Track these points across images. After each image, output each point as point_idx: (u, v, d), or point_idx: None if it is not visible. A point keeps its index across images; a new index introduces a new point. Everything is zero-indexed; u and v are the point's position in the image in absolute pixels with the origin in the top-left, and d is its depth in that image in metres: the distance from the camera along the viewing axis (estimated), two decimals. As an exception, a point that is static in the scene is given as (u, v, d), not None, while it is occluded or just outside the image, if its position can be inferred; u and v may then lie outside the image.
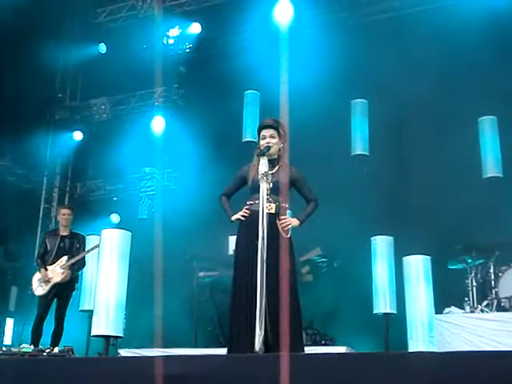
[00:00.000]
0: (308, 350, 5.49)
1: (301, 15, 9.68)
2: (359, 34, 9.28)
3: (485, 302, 7.30)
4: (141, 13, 10.46)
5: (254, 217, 4.57)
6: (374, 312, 7.09)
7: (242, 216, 4.79)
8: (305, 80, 8.53)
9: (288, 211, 4.87)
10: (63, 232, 7.79)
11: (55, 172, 11.77)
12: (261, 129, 4.94)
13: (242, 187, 5.00)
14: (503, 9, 8.34)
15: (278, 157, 4.89)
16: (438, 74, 8.61)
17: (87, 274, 7.82)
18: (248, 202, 4.80)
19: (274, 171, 4.75)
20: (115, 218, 10.89)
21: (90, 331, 6.46)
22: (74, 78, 12.05)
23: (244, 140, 9.11)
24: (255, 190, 4.67)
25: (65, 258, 7.55)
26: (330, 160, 8.70)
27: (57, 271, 7.51)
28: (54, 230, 8.36)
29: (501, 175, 8.22)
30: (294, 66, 8.11)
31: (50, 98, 11.70)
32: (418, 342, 6.50)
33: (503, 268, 7.40)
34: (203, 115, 10.06)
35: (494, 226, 7.54)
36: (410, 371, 2.93)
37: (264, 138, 4.86)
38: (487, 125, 8.39)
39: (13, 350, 6.19)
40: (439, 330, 6.89)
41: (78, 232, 7.92)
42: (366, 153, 8.92)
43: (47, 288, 7.45)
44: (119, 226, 9.12)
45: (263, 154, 4.72)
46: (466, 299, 7.39)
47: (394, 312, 7.03)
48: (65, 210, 7.93)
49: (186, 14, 10.74)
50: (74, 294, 7.71)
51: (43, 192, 11.56)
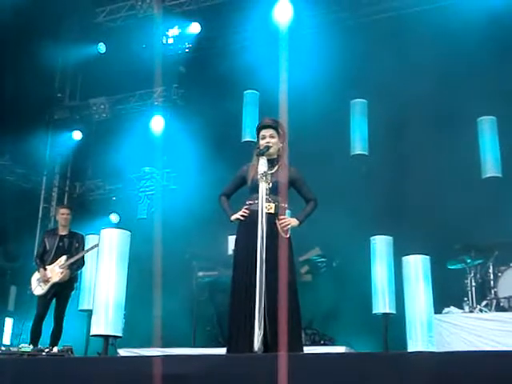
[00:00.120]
0: (307, 349, 5.49)
1: (300, 15, 9.68)
2: (359, 34, 9.28)
3: (484, 302, 7.30)
4: (140, 13, 10.45)
5: (253, 217, 4.58)
6: (374, 312, 7.10)
7: (242, 216, 4.79)
8: (304, 80, 8.53)
9: (287, 211, 4.87)
10: (62, 231, 7.78)
11: (54, 171, 11.76)
12: (260, 129, 4.93)
13: (242, 187, 5.00)
14: (502, 9, 8.34)
15: (278, 157, 4.89)
16: (438, 74, 8.61)
17: (86, 273, 7.82)
18: (247, 202, 4.80)
19: (273, 171, 4.75)
20: (114, 218, 10.89)
21: (89, 331, 6.46)
22: (74, 78, 12.04)
23: (243, 140, 9.11)
24: (254, 189, 4.67)
25: (64, 257, 7.55)
26: (329, 160, 8.70)
27: (56, 271, 7.50)
28: (53, 230, 8.36)
29: (500, 175, 8.23)
30: (293, 66, 8.11)
31: (49, 98, 11.69)
32: (417, 342, 6.51)
33: (502, 268, 7.40)
34: (203, 115, 10.05)
35: (494, 226, 7.55)
36: (409, 371, 2.94)
37: (263, 137, 4.86)
38: (486, 125, 8.39)
39: (12, 349, 6.19)
40: (438, 330, 6.89)
41: (77, 231, 7.92)
42: (365, 153, 8.93)
43: (46, 288, 7.45)
44: (118, 226, 9.12)
45: (262, 154, 4.72)
46: (465, 299, 7.39)
47: (393, 312, 7.04)
48: (63, 210, 7.93)
49: (186, 14, 10.74)
50: (73, 293, 7.71)
51: (42, 191, 11.56)
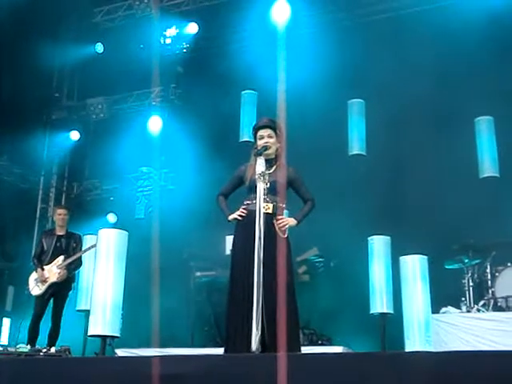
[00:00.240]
0: (305, 349, 5.49)
1: (298, 15, 9.69)
2: (356, 34, 9.29)
3: (481, 302, 7.31)
4: (138, 13, 10.45)
5: (251, 217, 4.57)
6: (371, 312, 7.11)
7: (239, 216, 4.79)
8: (302, 80, 8.53)
9: (285, 211, 4.87)
10: (60, 232, 7.78)
11: (52, 172, 11.74)
12: (258, 129, 4.93)
13: (240, 187, 4.99)
14: (501, 9, 8.35)
15: (276, 157, 4.88)
16: (435, 75, 8.62)
17: (84, 273, 7.81)
18: (245, 202, 4.80)
19: (271, 171, 4.75)
20: (112, 218, 10.88)
21: (86, 331, 6.46)
22: (71, 78, 12.03)
23: (241, 140, 9.12)
24: (252, 189, 4.67)
25: (61, 257, 7.55)
26: (327, 160, 8.70)
27: (53, 271, 7.50)
28: (50, 230, 8.35)
29: (497, 175, 8.24)
30: (291, 66, 8.10)
31: (46, 98, 11.68)
32: (414, 342, 6.52)
33: (500, 268, 7.42)
34: (200, 115, 10.06)
35: (491, 226, 7.56)
36: (407, 371, 2.94)
37: (261, 137, 4.86)
38: (484, 125, 8.41)
39: (9, 349, 6.20)
40: (436, 330, 6.90)
41: (74, 232, 7.91)
42: (363, 153, 8.94)
43: (44, 288, 7.44)
44: (116, 226, 9.12)
45: (260, 154, 4.72)
46: (463, 299, 7.41)
47: (391, 312, 7.05)
48: (61, 210, 7.92)
49: (183, 14, 10.74)
50: (70, 293, 7.71)
51: (40, 192, 11.54)
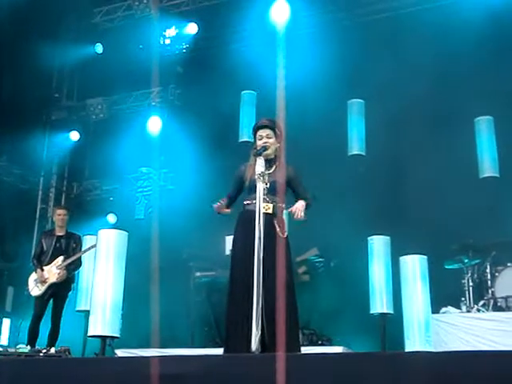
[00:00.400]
0: (304, 349, 5.49)
1: (297, 15, 9.69)
2: (356, 34, 9.29)
3: (481, 302, 7.31)
4: (137, 13, 10.45)
5: (250, 217, 4.57)
6: (371, 312, 7.11)
7: (217, 209, 4.79)
8: (301, 80, 8.54)
9: (284, 211, 4.87)
10: (59, 232, 7.77)
11: (52, 172, 11.74)
12: (257, 129, 4.92)
13: (243, 187, 4.96)
14: (500, 9, 8.35)
15: (275, 157, 4.88)
16: (435, 74, 8.62)
17: (84, 274, 7.81)
18: (245, 202, 4.79)
19: (270, 171, 4.74)
20: (112, 218, 10.88)
21: (86, 331, 6.46)
22: (71, 78, 12.04)
23: (241, 140, 9.12)
24: (252, 190, 4.67)
25: (61, 258, 7.54)
26: (326, 160, 8.70)
27: (53, 271, 7.49)
28: (50, 231, 8.35)
29: (497, 175, 8.24)
30: (290, 66, 8.10)
31: (46, 98, 11.68)
32: (414, 342, 6.52)
33: (500, 268, 7.42)
34: (200, 115, 10.06)
35: (491, 226, 7.56)
36: (407, 371, 2.94)
37: (261, 138, 4.85)
38: (484, 125, 8.40)
39: (9, 350, 6.19)
40: (436, 330, 6.90)
41: (74, 232, 7.91)
42: (362, 153, 8.94)
43: (43, 288, 7.44)
44: (116, 226, 9.12)
45: (260, 154, 4.71)
46: (463, 299, 7.41)
47: (391, 312, 7.05)
48: (60, 211, 7.92)
49: (183, 15, 10.74)
50: (70, 294, 7.70)
51: (40, 192, 11.54)
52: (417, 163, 8.63)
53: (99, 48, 11.33)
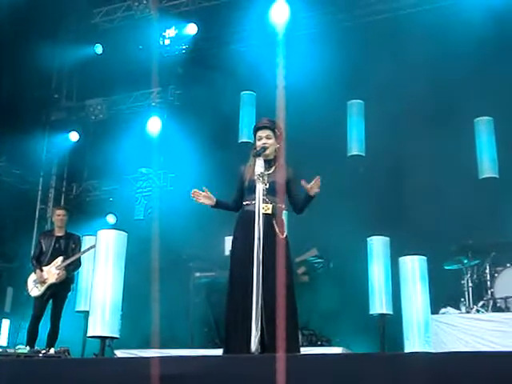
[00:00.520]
0: (304, 350, 5.49)
1: (297, 16, 9.69)
2: (355, 35, 9.29)
3: (480, 303, 7.31)
4: (137, 13, 10.46)
5: (250, 217, 4.57)
6: (370, 312, 7.10)
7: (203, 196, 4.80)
8: (301, 81, 8.53)
9: (284, 212, 4.87)
10: (58, 233, 7.77)
11: (51, 173, 11.74)
12: (257, 129, 4.92)
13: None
14: (499, 10, 8.35)
15: (275, 157, 4.87)
16: (434, 75, 8.63)
17: (83, 274, 7.80)
18: (244, 203, 4.79)
19: (270, 172, 4.75)
20: (111, 219, 10.88)
21: (85, 332, 6.45)
22: (70, 79, 12.03)
23: (240, 141, 9.13)
24: (251, 190, 4.67)
25: (60, 258, 7.54)
26: (326, 160, 8.69)
27: (52, 272, 7.49)
28: (49, 231, 8.35)
29: (497, 176, 8.24)
30: (290, 67, 8.10)
31: (45, 99, 11.67)
32: (414, 343, 6.52)
33: (499, 269, 7.42)
34: (199, 116, 10.05)
35: (490, 227, 7.56)
36: (406, 371, 2.94)
37: (260, 138, 4.85)
38: (483, 125, 8.41)
39: (8, 351, 6.19)
40: (435, 331, 6.90)
41: (73, 232, 7.91)
42: (362, 153, 8.95)
43: (43, 289, 7.44)
44: (115, 227, 9.11)
45: (259, 155, 4.72)
46: (462, 300, 7.41)
47: (390, 312, 7.04)
48: (59, 211, 7.92)
49: (183, 15, 10.74)
50: (69, 294, 7.70)
51: (39, 193, 11.53)
52: (416, 164, 8.63)
53: (99, 48, 11.32)
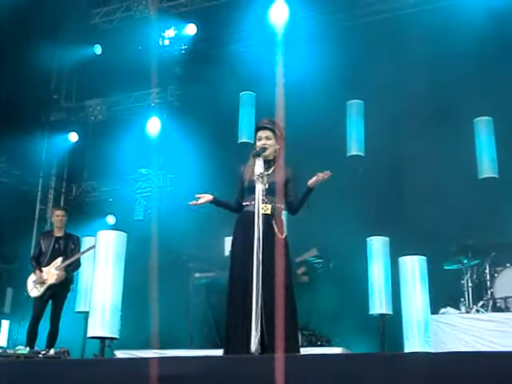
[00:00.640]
0: (304, 350, 5.49)
1: (296, 16, 9.69)
2: (355, 35, 9.29)
3: (480, 303, 7.31)
4: (136, 14, 10.46)
5: (249, 218, 4.56)
6: (370, 313, 7.10)
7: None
8: (301, 81, 8.53)
9: (283, 212, 4.87)
10: (58, 233, 7.77)
11: (51, 173, 11.73)
12: (257, 130, 4.93)
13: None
14: (499, 10, 8.35)
15: (274, 158, 4.88)
16: (434, 75, 8.63)
17: (83, 275, 7.80)
18: (244, 203, 4.79)
19: (269, 172, 4.75)
20: (111, 219, 10.88)
21: (85, 333, 6.45)
22: (70, 79, 12.03)
23: (240, 141, 9.12)
24: (251, 190, 4.67)
25: (60, 259, 7.54)
26: (325, 161, 8.60)
27: (52, 272, 7.49)
28: (48, 232, 8.35)
29: (496, 176, 8.23)
30: (289, 67, 8.09)
31: (45, 99, 11.67)
32: (413, 343, 6.52)
33: (499, 269, 7.42)
34: (199, 116, 10.06)
35: (490, 227, 7.56)
36: (406, 372, 2.94)
37: (260, 139, 4.85)
38: (483, 125, 8.40)
39: (8, 351, 6.18)
40: (435, 331, 6.90)
41: (72, 233, 7.91)
42: (361, 153, 8.94)
43: (42, 289, 7.43)
44: (115, 228, 9.11)
45: (259, 155, 4.72)
46: (462, 300, 7.41)
47: (390, 313, 7.04)
48: (58, 212, 7.92)
49: (182, 16, 10.75)
50: (69, 295, 7.70)
51: (39, 193, 11.53)
52: (416, 164, 8.63)
53: (98, 49, 11.32)
